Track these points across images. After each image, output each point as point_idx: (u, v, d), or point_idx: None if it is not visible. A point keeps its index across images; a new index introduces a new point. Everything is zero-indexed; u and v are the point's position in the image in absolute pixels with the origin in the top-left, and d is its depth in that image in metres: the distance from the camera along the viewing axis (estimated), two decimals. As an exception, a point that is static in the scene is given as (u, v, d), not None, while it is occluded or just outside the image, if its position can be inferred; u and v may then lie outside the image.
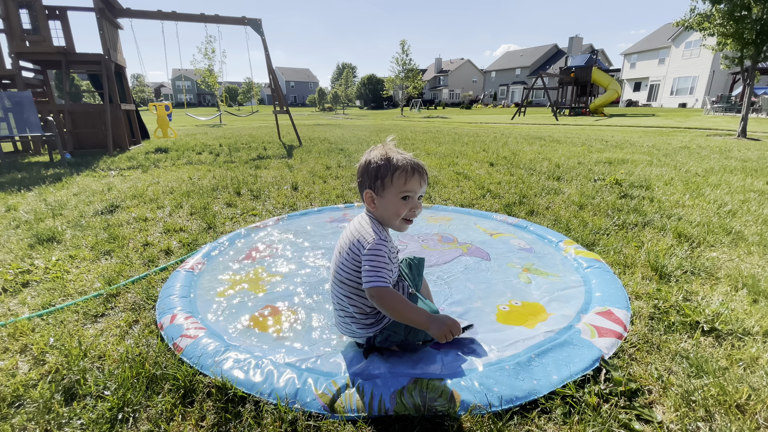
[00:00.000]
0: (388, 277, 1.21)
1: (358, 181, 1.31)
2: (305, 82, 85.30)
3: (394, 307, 1.18)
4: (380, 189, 1.25)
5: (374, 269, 1.18)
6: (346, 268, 1.28)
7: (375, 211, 1.29)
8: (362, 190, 1.29)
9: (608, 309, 1.60)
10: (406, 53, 34.43)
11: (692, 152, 6.27)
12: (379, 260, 1.19)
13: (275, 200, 3.61)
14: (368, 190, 1.27)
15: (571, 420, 1.08)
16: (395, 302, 1.18)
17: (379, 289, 1.17)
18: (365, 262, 1.20)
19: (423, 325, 1.19)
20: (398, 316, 1.20)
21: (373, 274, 1.18)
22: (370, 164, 1.25)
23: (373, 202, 1.27)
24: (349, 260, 1.27)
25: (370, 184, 1.26)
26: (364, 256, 1.21)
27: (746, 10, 7.78)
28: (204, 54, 26.49)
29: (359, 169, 1.29)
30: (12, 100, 5.78)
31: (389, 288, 1.19)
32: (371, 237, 1.22)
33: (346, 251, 1.28)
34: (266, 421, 1.10)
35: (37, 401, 1.17)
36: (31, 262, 2.22)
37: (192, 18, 7.81)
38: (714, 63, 29.38)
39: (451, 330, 1.17)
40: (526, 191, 3.71)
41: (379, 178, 1.24)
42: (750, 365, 1.29)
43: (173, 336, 1.47)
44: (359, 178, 1.30)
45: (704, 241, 2.38)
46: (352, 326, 1.35)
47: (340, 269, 1.31)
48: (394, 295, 1.19)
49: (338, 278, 1.32)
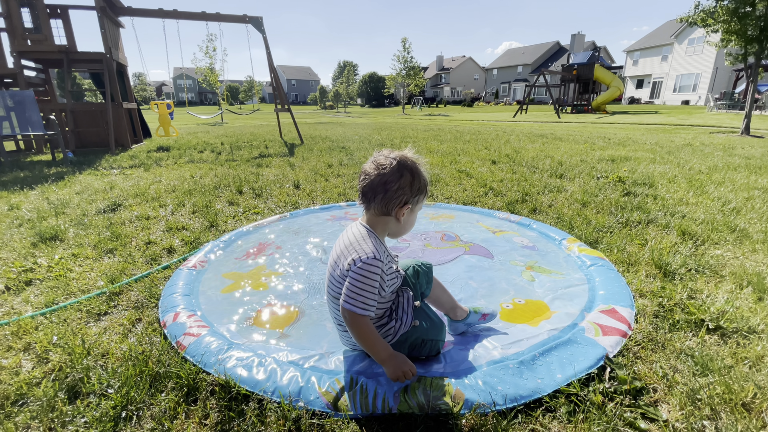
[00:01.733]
0: (369, 302, 1.13)
1: (392, 187, 1.16)
2: (306, 80, 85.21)
3: (361, 335, 1.15)
4: (414, 205, 1.23)
5: (354, 292, 1.12)
6: (336, 284, 1.22)
7: (396, 223, 1.23)
8: (393, 200, 1.18)
9: (612, 307, 1.59)
10: (408, 51, 34.30)
11: (695, 149, 6.24)
12: (364, 283, 1.12)
13: (277, 198, 3.61)
14: (408, 205, 1.20)
15: (575, 419, 1.08)
16: (363, 331, 1.14)
17: (352, 314, 1.13)
18: (349, 280, 1.14)
19: (381, 361, 1.17)
20: (361, 343, 1.17)
21: (353, 297, 1.12)
22: (416, 177, 1.19)
23: (402, 216, 1.21)
24: (340, 276, 1.20)
25: (410, 198, 1.20)
26: (352, 273, 1.14)
27: (750, 6, 7.72)
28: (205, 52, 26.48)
29: (391, 176, 1.16)
30: (14, 99, 5.79)
31: (362, 317, 1.13)
32: (364, 254, 1.14)
33: (339, 266, 1.21)
34: (270, 419, 1.10)
35: (40, 399, 1.17)
36: (34, 260, 2.22)
37: (193, 16, 7.80)
38: (717, 60, 29.22)
39: (405, 375, 1.15)
40: (528, 189, 3.70)
41: (421, 193, 1.22)
42: (755, 363, 1.28)
43: (176, 334, 1.47)
44: (392, 184, 1.16)
45: (708, 238, 2.37)
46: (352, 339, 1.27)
47: (332, 284, 1.24)
48: (364, 324, 1.14)
49: (331, 293, 1.26)
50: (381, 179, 1.16)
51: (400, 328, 1.27)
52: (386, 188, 1.16)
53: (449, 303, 1.50)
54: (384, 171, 1.16)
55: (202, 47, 26.30)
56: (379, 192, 1.17)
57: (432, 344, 1.31)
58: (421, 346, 1.28)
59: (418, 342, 1.28)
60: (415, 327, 1.29)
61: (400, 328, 1.27)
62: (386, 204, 1.18)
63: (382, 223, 1.23)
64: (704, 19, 8.48)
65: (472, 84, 62.17)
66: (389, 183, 1.16)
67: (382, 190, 1.17)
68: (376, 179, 1.17)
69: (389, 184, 1.16)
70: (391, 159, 1.17)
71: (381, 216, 1.22)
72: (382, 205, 1.19)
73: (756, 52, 8.20)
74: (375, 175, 1.17)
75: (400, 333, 1.27)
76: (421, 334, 1.29)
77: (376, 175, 1.17)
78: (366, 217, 1.25)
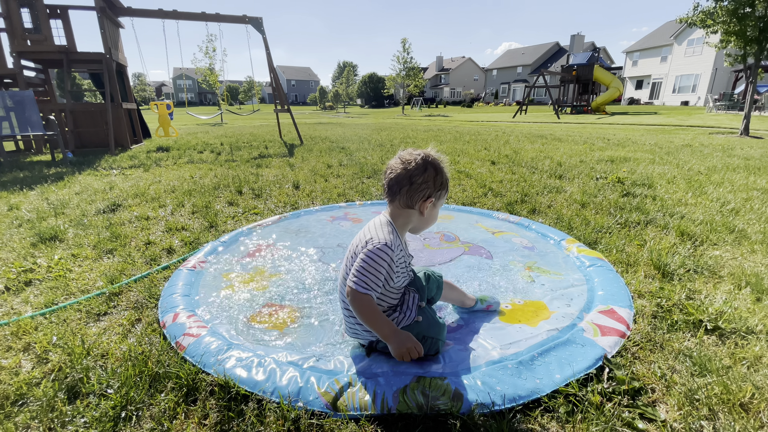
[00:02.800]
0: (373, 284, 1.19)
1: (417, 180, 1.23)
2: (306, 80, 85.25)
3: (363, 312, 1.19)
4: (437, 200, 1.29)
5: (360, 272, 1.18)
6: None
7: (419, 216, 1.29)
8: (418, 193, 1.25)
9: (611, 307, 1.59)
10: (407, 51, 34.31)
11: (695, 150, 6.25)
12: (371, 266, 1.18)
13: (277, 199, 3.61)
14: (432, 198, 1.27)
15: (574, 419, 1.08)
16: (365, 308, 1.19)
17: (355, 292, 1.18)
18: (358, 260, 1.20)
19: (385, 338, 1.21)
20: (365, 320, 1.21)
21: (357, 277, 1.18)
22: (439, 173, 1.27)
23: (426, 209, 1.28)
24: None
25: (433, 192, 1.27)
26: (362, 255, 1.21)
27: (750, 7, 7.73)
28: (205, 53, 26.48)
29: (416, 170, 1.23)
30: (14, 99, 5.79)
31: (365, 295, 1.18)
32: (377, 240, 1.21)
33: (356, 253, 1.27)
34: (269, 419, 1.10)
35: (40, 399, 1.17)
36: (34, 260, 2.22)
37: (193, 17, 7.81)
38: (717, 61, 29.26)
39: (409, 351, 1.19)
40: (527, 189, 3.70)
41: (443, 189, 1.29)
42: (753, 364, 1.28)
43: (176, 334, 1.47)
44: (417, 178, 1.23)
45: (707, 239, 2.37)
46: (357, 327, 1.34)
47: (348, 270, 1.29)
48: (366, 302, 1.19)
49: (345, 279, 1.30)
50: (406, 173, 1.24)
51: (402, 321, 1.34)
52: (411, 181, 1.24)
53: (459, 297, 1.62)
54: (409, 166, 1.24)
55: (202, 47, 26.31)
56: (404, 185, 1.25)
57: (432, 342, 1.33)
58: (421, 342, 1.30)
59: (419, 337, 1.30)
60: (417, 322, 1.35)
61: (403, 321, 1.34)
62: (411, 196, 1.26)
63: (405, 216, 1.30)
64: (704, 20, 8.50)
65: (472, 85, 62.19)
66: (414, 176, 1.24)
67: (407, 183, 1.24)
68: (402, 173, 1.24)
69: (414, 177, 1.24)
70: (416, 155, 1.25)
71: (405, 209, 1.28)
72: (407, 197, 1.26)
73: (755, 52, 8.22)
74: (401, 169, 1.25)
75: (401, 325, 1.33)
76: (422, 329, 1.33)
77: (402, 169, 1.24)
78: (389, 210, 1.33)
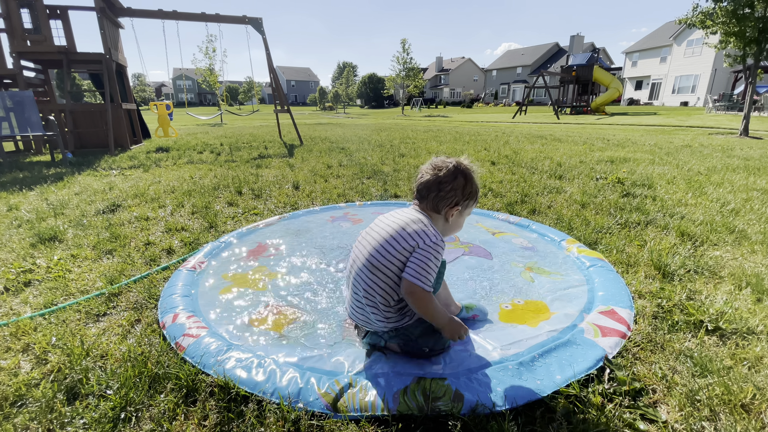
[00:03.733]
0: (431, 279, 1.21)
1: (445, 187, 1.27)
2: (306, 81, 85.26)
3: (426, 309, 1.22)
4: (464, 208, 1.33)
5: (425, 269, 1.19)
6: (388, 256, 1.23)
7: (444, 223, 1.33)
8: (445, 200, 1.28)
9: (611, 308, 1.59)
10: (407, 52, 34.32)
11: (694, 151, 6.25)
12: (432, 261, 1.20)
13: (276, 199, 3.61)
14: (458, 207, 1.30)
15: (575, 420, 1.08)
16: (428, 305, 1.21)
17: (421, 290, 1.19)
18: (420, 257, 1.20)
19: (441, 327, 1.25)
20: (425, 315, 1.24)
21: (422, 274, 1.19)
22: (469, 182, 1.30)
23: (452, 216, 1.31)
24: (396, 249, 1.23)
25: (460, 200, 1.30)
26: (421, 251, 1.20)
27: (749, 7, 7.74)
28: (205, 53, 26.52)
29: (446, 177, 1.27)
30: (13, 100, 5.78)
31: (428, 293, 1.20)
32: (435, 237, 1.22)
33: (394, 238, 1.24)
34: (269, 420, 1.10)
35: (39, 400, 1.17)
36: (33, 261, 2.22)
37: (193, 17, 7.81)
38: (716, 61, 29.29)
39: (460, 336, 1.26)
40: (527, 190, 3.70)
41: (471, 198, 1.33)
42: (755, 364, 1.28)
43: (175, 335, 1.47)
44: (446, 185, 1.27)
45: (707, 239, 2.37)
46: (371, 316, 1.31)
47: (379, 255, 1.25)
48: (429, 299, 1.21)
49: (373, 263, 1.26)
50: (436, 179, 1.28)
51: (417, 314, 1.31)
52: (440, 188, 1.28)
53: (445, 299, 1.56)
54: (440, 172, 1.28)
55: (202, 48, 26.37)
56: (432, 190, 1.29)
57: (438, 336, 1.33)
58: (427, 339, 1.31)
59: (431, 330, 1.30)
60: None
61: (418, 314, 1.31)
62: (438, 202, 1.29)
63: (433, 219, 1.32)
64: (703, 21, 8.50)
65: (472, 85, 62.22)
66: (444, 183, 1.28)
67: (435, 189, 1.28)
68: (432, 179, 1.28)
69: (443, 184, 1.28)
70: (448, 162, 1.29)
71: (432, 212, 1.32)
72: (434, 202, 1.30)
73: (755, 53, 8.22)
74: (431, 175, 1.29)
75: (416, 316, 1.32)
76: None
77: (433, 175, 1.29)
78: (419, 207, 1.34)
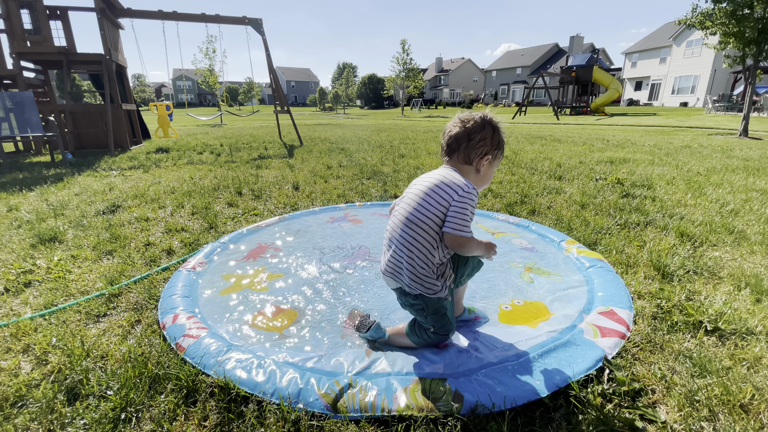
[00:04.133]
0: (469, 226, 1.24)
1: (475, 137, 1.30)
2: (306, 81, 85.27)
3: (471, 250, 1.26)
4: (493, 159, 1.35)
5: (463, 219, 1.21)
6: (425, 212, 1.25)
7: (476, 174, 1.34)
8: (475, 149, 1.31)
9: (611, 309, 1.59)
10: (407, 53, 34.35)
11: (694, 151, 6.26)
12: (467, 209, 1.22)
13: (276, 200, 3.61)
14: (489, 155, 1.33)
15: (574, 420, 1.08)
16: (472, 247, 1.25)
17: (465, 239, 1.22)
18: (457, 209, 1.22)
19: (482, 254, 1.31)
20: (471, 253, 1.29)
21: (462, 224, 1.21)
22: (496, 132, 1.33)
23: (483, 166, 1.33)
24: (432, 205, 1.24)
25: (490, 150, 1.32)
26: (457, 203, 1.22)
27: (748, 8, 7.75)
28: (205, 54, 26.58)
29: (475, 128, 1.30)
30: (13, 100, 5.79)
31: (470, 238, 1.23)
32: (467, 187, 1.24)
33: (429, 195, 1.26)
34: (269, 420, 1.10)
35: (39, 401, 1.17)
36: (33, 262, 2.22)
37: (193, 18, 7.82)
38: (715, 62, 29.32)
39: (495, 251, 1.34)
40: (527, 191, 3.71)
41: (500, 149, 1.35)
42: (753, 365, 1.28)
43: (175, 336, 1.47)
44: (475, 135, 1.30)
45: (707, 240, 2.37)
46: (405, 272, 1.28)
47: (417, 212, 1.26)
48: (473, 240, 1.24)
49: (412, 220, 1.26)
50: (465, 131, 1.31)
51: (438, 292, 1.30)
52: (470, 138, 1.31)
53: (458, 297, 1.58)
54: (468, 124, 1.32)
55: (202, 48, 26.43)
56: (462, 141, 1.32)
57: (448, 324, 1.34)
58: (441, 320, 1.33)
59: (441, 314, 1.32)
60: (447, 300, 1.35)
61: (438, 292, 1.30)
62: (469, 153, 1.32)
63: (464, 172, 1.33)
64: (702, 22, 8.51)
65: (472, 86, 62.23)
66: (473, 133, 1.31)
67: (465, 140, 1.31)
68: (461, 131, 1.32)
69: (473, 134, 1.31)
70: (474, 115, 1.33)
71: (463, 165, 1.34)
72: (465, 154, 1.32)
73: (754, 54, 8.23)
74: (460, 128, 1.32)
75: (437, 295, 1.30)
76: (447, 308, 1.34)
77: (461, 127, 1.32)
78: (449, 165, 1.36)
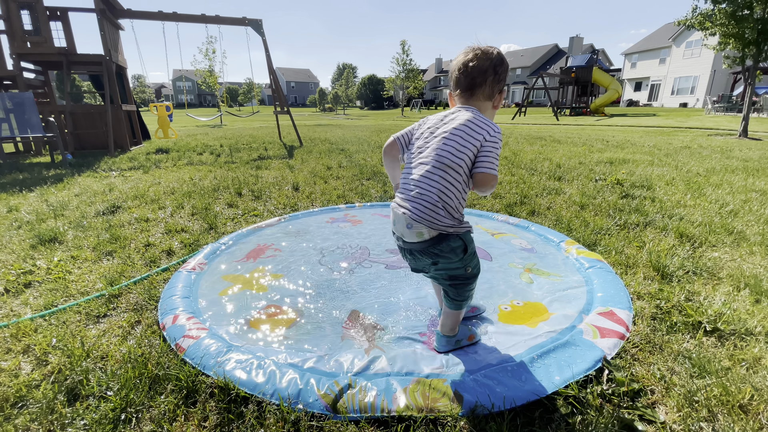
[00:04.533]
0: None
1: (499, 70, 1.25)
2: (306, 82, 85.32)
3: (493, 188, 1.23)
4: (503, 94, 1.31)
5: (496, 158, 1.20)
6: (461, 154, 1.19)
7: (491, 111, 1.30)
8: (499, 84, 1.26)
9: (610, 309, 1.59)
10: (407, 53, 34.42)
11: (693, 152, 6.27)
12: (498, 149, 1.20)
13: (276, 201, 3.61)
14: (504, 91, 1.29)
15: (573, 420, 1.08)
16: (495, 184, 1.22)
17: (496, 177, 1.20)
18: (489, 149, 1.19)
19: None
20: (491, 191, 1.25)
21: (494, 164, 1.19)
22: (506, 65, 1.26)
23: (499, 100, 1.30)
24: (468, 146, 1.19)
25: (503, 86, 1.29)
26: (489, 144, 1.19)
27: (748, 9, 7.77)
28: (205, 54, 26.61)
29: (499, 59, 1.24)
30: (13, 101, 5.79)
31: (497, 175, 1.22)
32: (495, 127, 1.21)
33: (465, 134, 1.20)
34: (269, 421, 1.10)
35: (40, 402, 1.17)
36: (33, 262, 2.22)
37: (193, 19, 7.82)
38: (715, 63, 29.36)
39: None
40: (527, 191, 3.71)
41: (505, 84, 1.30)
42: (753, 365, 1.29)
43: (175, 336, 1.47)
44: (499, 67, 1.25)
45: (706, 241, 2.38)
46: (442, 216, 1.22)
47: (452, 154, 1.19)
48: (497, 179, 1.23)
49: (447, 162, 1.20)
50: (490, 63, 1.24)
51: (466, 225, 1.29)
52: (496, 71, 1.24)
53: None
54: (491, 56, 1.24)
55: (202, 49, 26.45)
56: (489, 74, 1.24)
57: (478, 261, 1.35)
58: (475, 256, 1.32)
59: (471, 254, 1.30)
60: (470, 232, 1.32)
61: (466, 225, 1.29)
62: (494, 86, 1.26)
63: (485, 110, 1.28)
64: (702, 23, 8.53)
65: (471, 86, 62.19)
66: (498, 66, 1.24)
67: (492, 73, 1.24)
68: (486, 63, 1.24)
69: (498, 67, 1.24)
70: (491, 47, 1.26)
71: (484, 101, 1.28)
72: (491, 87, 1.26)
73: (753, 54, 8.25)
74: (484, 60, 1.24)
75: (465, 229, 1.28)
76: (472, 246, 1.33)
77: (485, 59, 1.24)
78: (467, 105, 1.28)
